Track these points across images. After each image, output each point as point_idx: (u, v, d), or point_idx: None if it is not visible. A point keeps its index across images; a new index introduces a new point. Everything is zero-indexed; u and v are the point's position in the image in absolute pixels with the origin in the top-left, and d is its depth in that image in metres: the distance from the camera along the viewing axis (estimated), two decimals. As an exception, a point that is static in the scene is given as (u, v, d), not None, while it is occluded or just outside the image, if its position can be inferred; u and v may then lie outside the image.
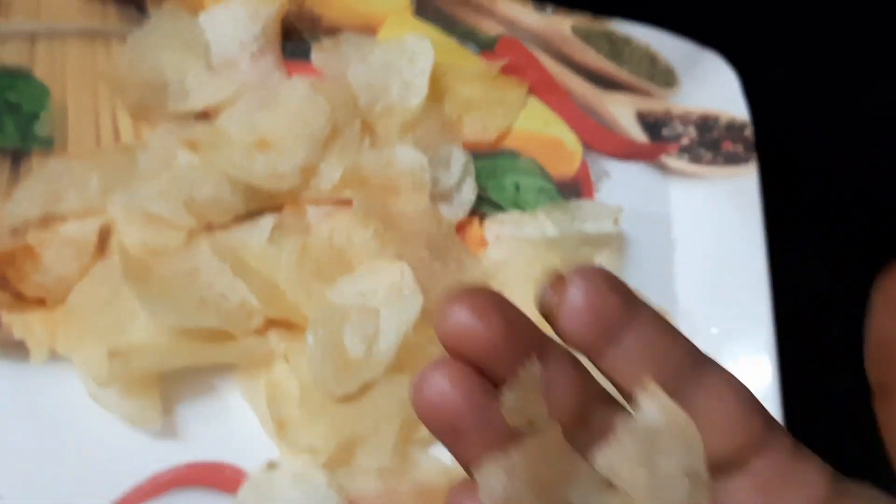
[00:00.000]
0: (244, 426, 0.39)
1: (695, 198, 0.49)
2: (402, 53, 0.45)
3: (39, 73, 0.43)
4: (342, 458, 0.38)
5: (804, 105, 0.56)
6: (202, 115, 0.43)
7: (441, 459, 0.39)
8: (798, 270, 0.50)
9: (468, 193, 0.45)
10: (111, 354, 0.35)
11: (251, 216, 0.42)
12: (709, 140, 0.50)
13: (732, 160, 0.49)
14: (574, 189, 0.48)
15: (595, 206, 0.46)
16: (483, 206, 0.46)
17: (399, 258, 0.40)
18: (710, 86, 0.51)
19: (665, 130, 0.51)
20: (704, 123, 0.51)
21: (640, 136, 0.51)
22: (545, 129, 0.49)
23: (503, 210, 0.46)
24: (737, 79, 0.50)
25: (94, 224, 0.40)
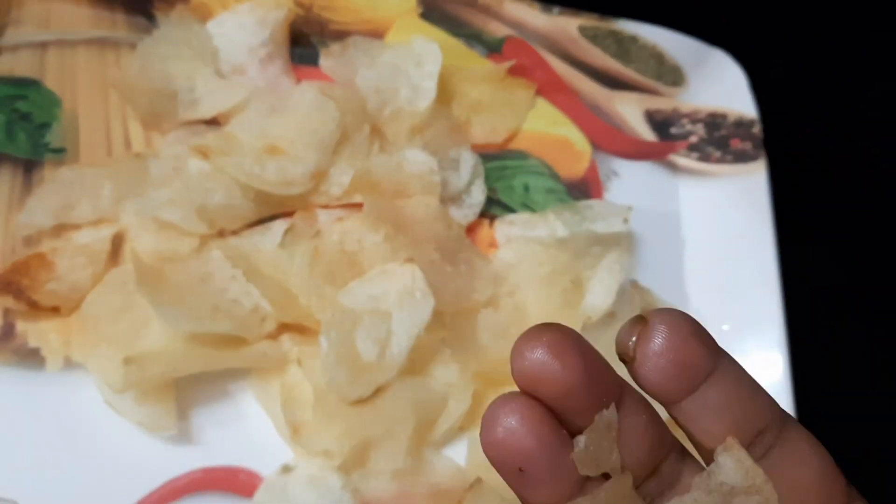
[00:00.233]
0: (259, 430, 0.39)
1: (704, 196, 0.49)
2: (410, 57, 0.46)
3: (50, 83, 0.43)
4: (357, 461, 0.38)
5: (812, 102, 0.56)
6: (212, 122, 0.44)
7: (455, 461, 0.39)
8: (808, 266, 0.50)
9: (478, 195, 0.45)
10: (126, 361, 0.35)
11: (263, 221, 0.42)
12: (717, 138, 0.50)
13: (741, 158, 0.49)
14: (583, 189, 0.48)
15: (605, 206, 0.46)
16: (493, 208, 0.46)
17: (410, 261, 0.40)
18: (718, 84, 0.51)
19: (673, 129, 0.51)
20: (713, 121, 0.51)
21: (649, 135, 0.51)
22: (554, 130, 0.49)
23: (513, 211, 0.46)
24: (744, 76, 0.50)
25: (107, 232, 0.40)
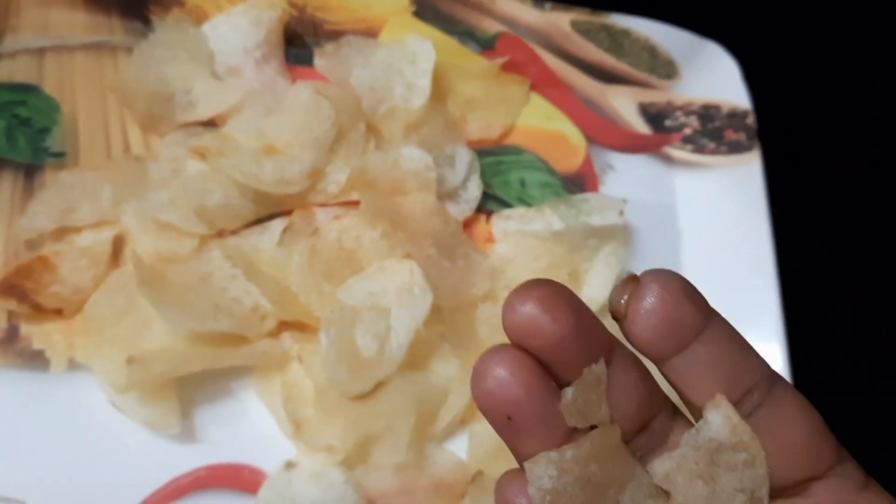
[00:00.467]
0: (261, 427, 0.39)
1: (699, 187, 0.50)
2: (404, 55, 0.46)
3: (49, 88, 0.44)
4: (359, 456, 0.38)
5: (808, 96, 0.57)
6: (209, 123, 0.44)
7: (457, 454, 0.40)
8: (804, 256, 0.51)
9: (474, 191, 0.46)
10: (129, 361, 0.36)
11: (261, 221, 0.42)
12: (711, 129, 0.51)
13: (735, 149, 0.50)
14: (579, 183, 0.49)
15: (600, 199, 0.47)
16: (489, 203, 0.47)
17: (408, 257, 0.41)
18: (711, 75, 0.51)
19: (667, 121, 0.51)
20: (706, 113, 0.51)
21: (643, 128, 0.51)
22: (548, 125, 0.50)
23: (509, 206, 0.47)
24: (737, 68, 0.51)
25: (108, 234, 0.40)
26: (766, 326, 0.45)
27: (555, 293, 0.21)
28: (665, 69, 0.52)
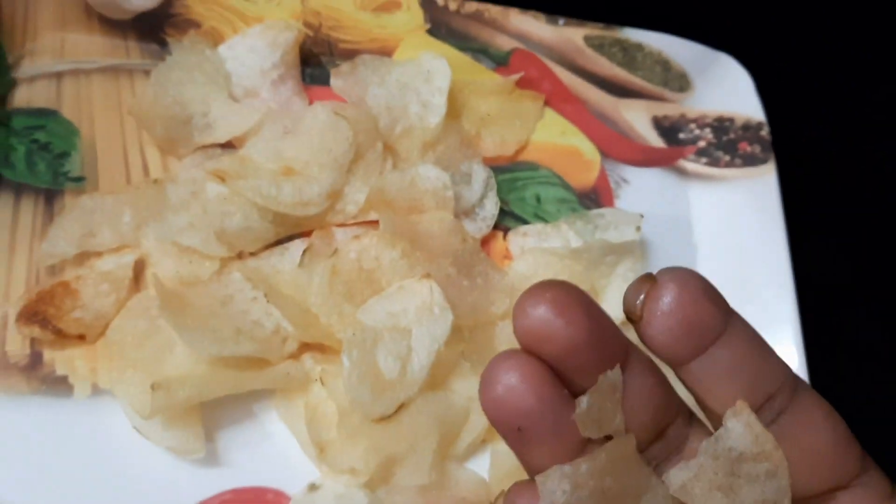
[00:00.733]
0: (284, 450, 0.39)
1: (714, 200, 0.50)
2: (419, 73, 0.46)
3: (67, 112, 0.44)
4: (382, 477, 0.38)
5: (818, 100, 0.57)
6: (227, 145, 0.44)
7: (479, 474, 0.40)
8: (821, 265, 0.51)
9: (491, 208, 0.46)
10: (154, 387, 0.36)
11: (281, 242, 0.42)
12: (725, 142, 0.51)
13: (750, 161, 0.50)
14: (594, 198, 0.49)
15: (616, 214, 0.47)
16: (506, 220, 0.47)
17: (427, 277, 0.41)
18: (725, 88, 0.51)
19: (681, 134, 0.51)
20: (720, 125, 0.51)
21: (657, 142, 0.51)
22: (563, 140, 0.50)
23: (526, 222, 0.47)
24: (751, 80, 0.51)
25: (129, 258, 0.40)
26: (785, 338, 0.45)
27: (568, 295, 0.20)
28: (678, 82, 0.52)
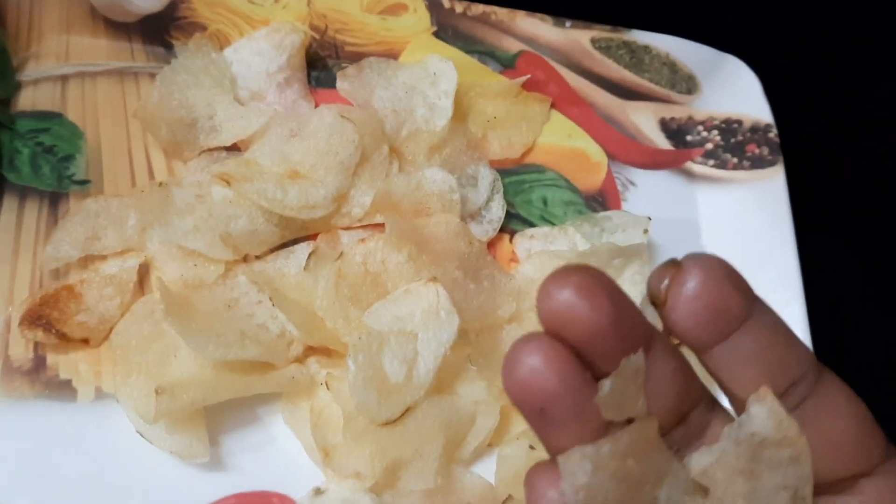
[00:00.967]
0: (289, 454, 0.39)
1: (723, 203, 0.49)
2: (425, 76, 0.46)
3: (72, 115, 0.44)
4: (388, 482, 0.38)
5: (826, 104, 0.56)
6: (233, 148, 0.44)
7: (485, 478, 0.40)
8: (831, 269, 0.50)
9: (497, 211, 0.46)
10: (158, 391, 0.35)
11: (286, 245, 0.42)
12: (733, 144, 0.50)
13: (758, 163, 0.49)
14: (601, 200, 0.48)
15: (624, 217, 0.46)
16: (512, 223, 0.46)
17: (433, 280, 0.40)
18: (732, 90, 0.51)
19: (689, 137, 0.51)
20: (728, 127, 0.51)
21: (664, 144, 0.51)
22: (569, 142, 0.50)
23: (532, 225, 0.47)
24: (758, 82, 0.50)
25: (134, 262, 0.40)
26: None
27: (593, 279, 0.19)
28: (686, 84, 0.51)
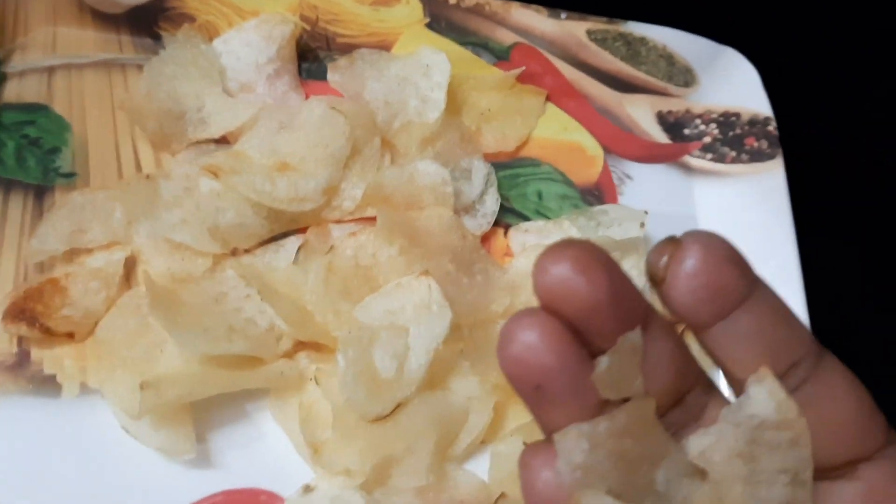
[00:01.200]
0: (278, 451, 0.38)
1: (720, 196, 0.49)
2: (418, 67, 0.45)
3: (58, 107, 0.43)
4: (379, 479, 0.37)
5: (825, 97, 0.56)
6: (222, 141, 0.43)
7: (478, 476, 0.39)
8: (830, 263, 0.50)
9: (491, 204, 0.45)
10: (143, 386, 0.35)
11: (276, 239, 0.42)
12: (732, 137, 0.50)
13: (757, 157, 0.49)
14: (597, 194, 0.48)
15: (619, 211, 0.46)
16: (506, 217, 0.46)
17: (425, 274, 0.40)
18: (730, 82, 0.50)
19: (686, 130, 0.50)
20: (726, 121, 0.50)
21: (662, 137, 0.50)
22: (565, 136, 0.49)
23: (527, 219, 0.46)
24: (757, 74, 0.50)
25: (120, 255, 0.40)
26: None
27: (590, 254, 0.19)
28: (683, 77, 0.51)
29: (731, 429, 0.21)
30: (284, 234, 0.42)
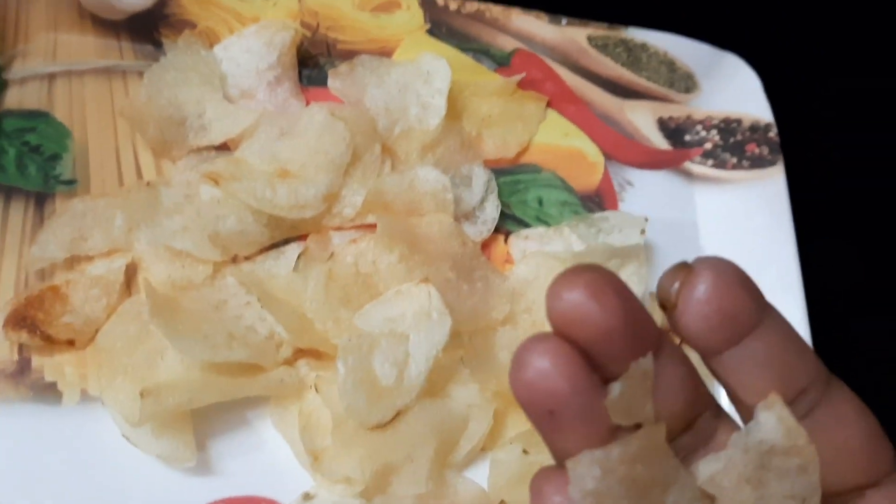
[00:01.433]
0: (278, 458, 0.38)
1: (721, 203, 0.49)
2: (419, 74, 0.45)
3: (59, 114, 0.43)
4: (378, 487, 0.37)
5: (826, 103, 0.56)
6: (222, 147, 0.43)
7: (478, 483, 0.39)
8: (831, 270, 0.50)
9: (492, 211, 0.45)
10: (143, 394, 0.35)
11: (276, 246, 0.42)
12: (733, 144, 0.50)
13: (758, 163, 0.49)
14: (598, 201, 0.48)
15: (620, 217, 0.46)
16: (507, 223, 0.46)
17: (425, 281, 0.40)
18: (731, 88, 0.50)
19: (687, 136, 0.50)
20: (727, 127, 0.50)
21: (662, 144, 0.50)
22: (566, 142, 0.49)
23: (527, 226, 0.46)
24: (758, 80, 0.50)
25: (121, 262, 0.40)
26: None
27: (603, 280, 0.19)
28: (684, 83, 0.51)
29: (741, 454, 0.21)
30: (285, 242, 0.42)
